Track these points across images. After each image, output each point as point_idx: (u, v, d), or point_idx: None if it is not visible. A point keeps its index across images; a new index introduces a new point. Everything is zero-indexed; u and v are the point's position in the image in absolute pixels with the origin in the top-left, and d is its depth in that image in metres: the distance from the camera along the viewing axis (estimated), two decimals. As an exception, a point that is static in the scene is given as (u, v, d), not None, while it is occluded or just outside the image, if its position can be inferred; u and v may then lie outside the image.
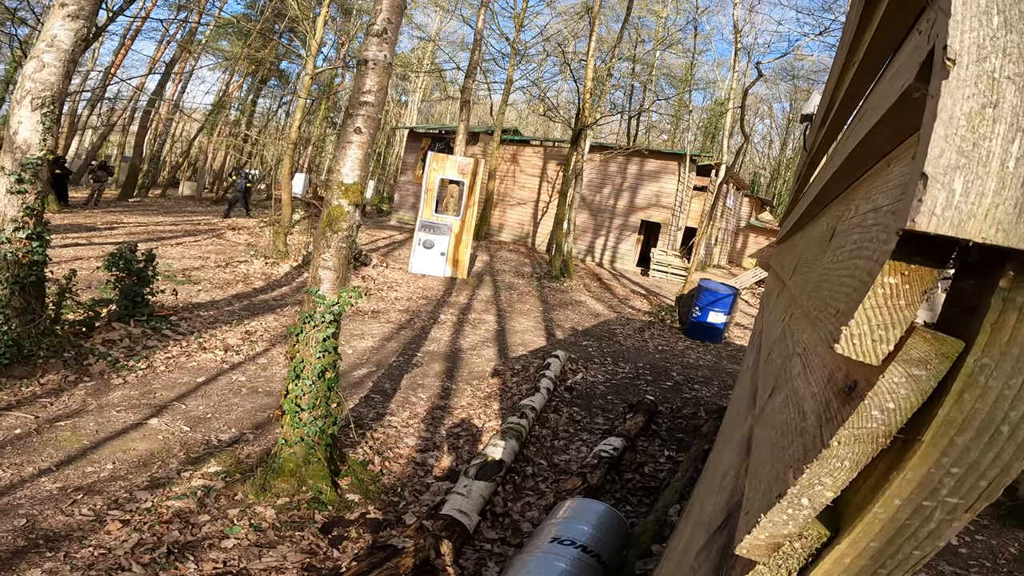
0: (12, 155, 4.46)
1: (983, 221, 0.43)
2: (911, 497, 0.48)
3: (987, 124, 0.44)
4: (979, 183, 0.43)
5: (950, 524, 0.48)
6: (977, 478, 0.46)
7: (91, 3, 4.70)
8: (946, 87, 0.45)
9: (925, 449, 0.46)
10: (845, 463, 0.50)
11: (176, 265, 8.82)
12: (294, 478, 3.07)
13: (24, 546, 2.59)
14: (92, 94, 22.24)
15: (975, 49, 0.46)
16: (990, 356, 0.45)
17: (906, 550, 0.49)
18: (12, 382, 4.12)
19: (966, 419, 0.45)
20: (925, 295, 0.48)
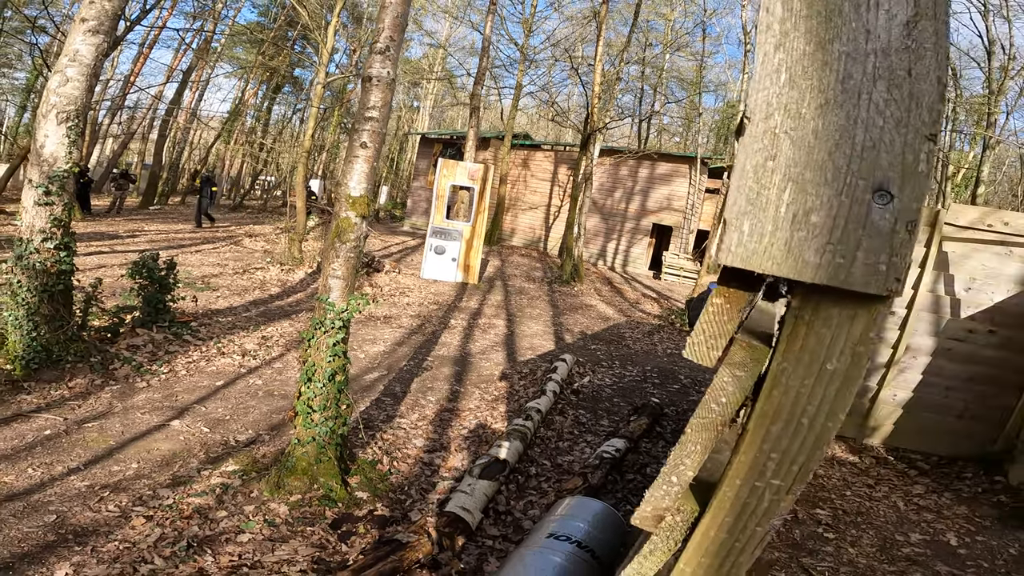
0: (39, 168, 4.62)
1: (763, 256, 0.56)
2: (746, 478, 0.60)
3: (768, 175, 0.57)
4: (760, 225, 0.56)
5: (778, 504, 0.60)
6: (790, 463, 0.58)
7: (110, 18, 4.82)
8: (741, 144, 0.59)
9: (750, 437, 0.59)
10: (697, 447, 0.62)
11: (196, 272, 9.11)
12: (306, 476, 3.23)
13: (54, 541, 2.77)
14: (112, 103, 22.81)
15: (764, 107, 0.58)
16: (788, 361, 0.58)
17: (751, 526, 0.62)
18: (42, 386, 4.35)
19: (776, 412, 0.58)
20: (742, 313, 0.61)
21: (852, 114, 0.54)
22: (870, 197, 0.53)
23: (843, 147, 0.54)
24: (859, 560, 3.38)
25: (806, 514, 3.89)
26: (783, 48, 0.57)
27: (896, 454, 5.18)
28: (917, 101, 0.54)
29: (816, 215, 0.54)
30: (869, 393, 5.25)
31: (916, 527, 3.87)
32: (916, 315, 5.05)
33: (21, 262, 4.48)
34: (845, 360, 0.56)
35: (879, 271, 0.53)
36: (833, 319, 0.56)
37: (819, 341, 0.56)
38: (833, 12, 0.55)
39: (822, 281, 0.54)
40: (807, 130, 0.54)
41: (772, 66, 0.58)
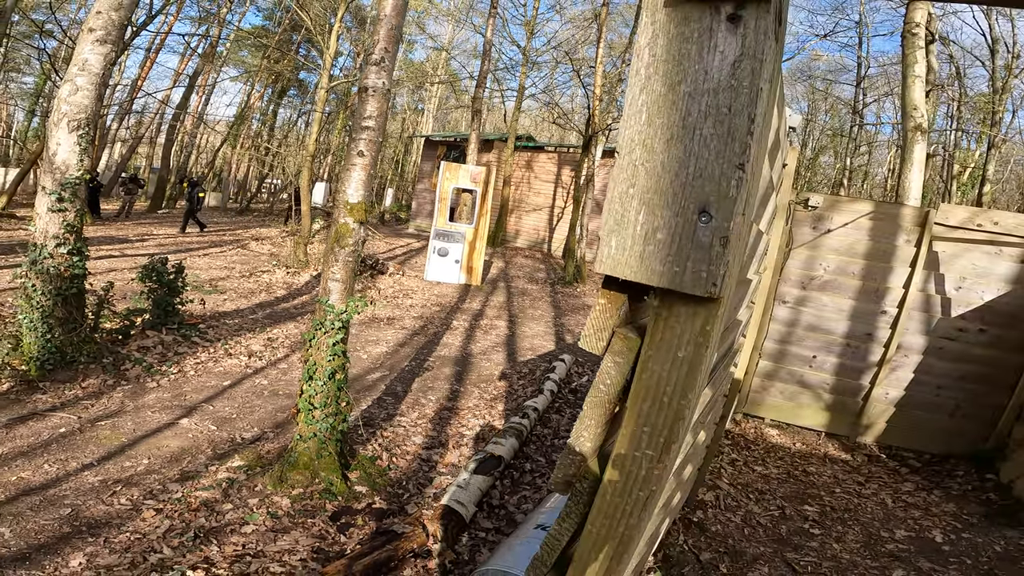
0: (52, 175, 4.74)
1: (624, 265, 0.69)
2: (628, 448, 0.74)
3: (629, 200, 0.71)
4: (622, 240, 0.70)
5: (652, 471, 0.73)
6: (657, 435, 0.72)
7: (117, 28, 4.91)
8: (612, 174, 0.73)
9: (629, 413, 0.73)
10: (592, 422, 0.76)
11: (203, 275, 9.31)
12: (308, 471, 3.38)
13: (69, 532, 2.92)
14: (120, 107, 23.09)
15: (628, 143, 0.72)
16: (652, 349, 0.71)
17: (635, 492, 0.75)
18: (56, 385, 4.52)
19: (645, 391, 0.71)
20: (619, 310, 0.75)
21: (688, 147, 0.67)
22: (696, 217, 0.66)
23: (680, 176, 0.67)
24: (843, 556, 3.47)
25: (793, 510, 3.98)
26: (646, 90, 0.70)
27: (888, 452, 5.25)
28: (732, 135, 0.67)
29: (660, 232, 0.67)
30: (862, 392, 5.34)
31: (902, 524, 3.95)
32: (907, 314, 5.14)
33: (36, 267, 4.65)
34: (691, 349, 0.69)
35: (701, 277, 0.67)
36: (681, 316, 0.70)
37: (672, 334, 0.70)
38: (684, 56, 0.67)
39: (664, 285, 0.68)
40: (657, 162, 0.67)
41: (637, 107, 0.71)
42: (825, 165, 29.65)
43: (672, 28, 0.67)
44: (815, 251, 5.38)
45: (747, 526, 3.68)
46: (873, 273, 5.25)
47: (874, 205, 5.31)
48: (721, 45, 0.66)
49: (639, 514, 0.72)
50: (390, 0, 3.41)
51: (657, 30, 0.69)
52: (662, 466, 0.72)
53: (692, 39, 0.67)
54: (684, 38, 0.67)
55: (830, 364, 5.44)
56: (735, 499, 4.02)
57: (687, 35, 0.67)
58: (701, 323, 0.69)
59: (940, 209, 5.06)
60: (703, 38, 0.66)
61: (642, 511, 0.73)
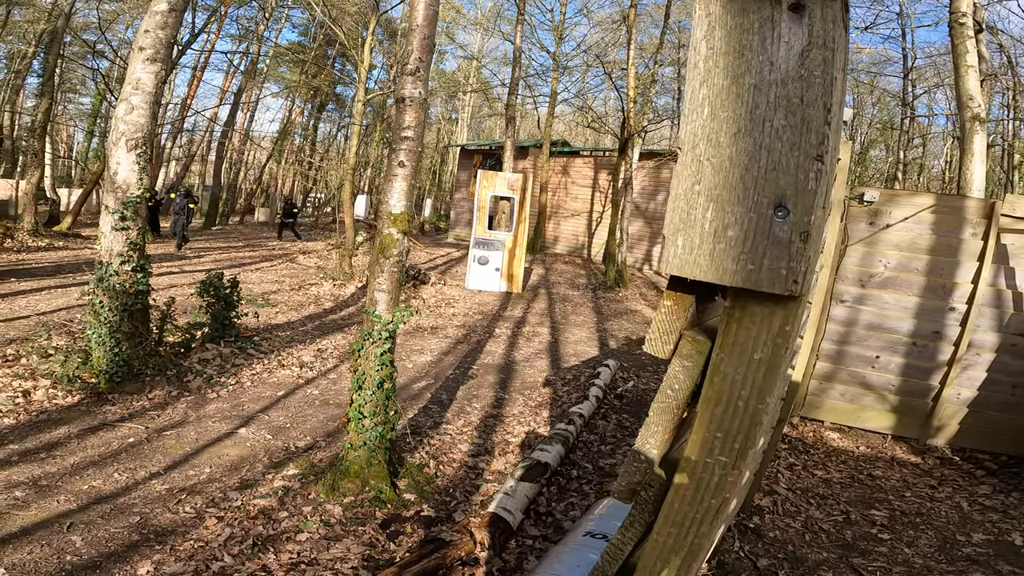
0: (114, 194, 4.94)
1: (693, 265, 0.66)
2: (699, 455, 0.70)
3: (695, 197, 0.68)
4: (690, 240, 0.67)
5: (726, 478, 0.70)
6: (732, 441, 0.69)
7: (165, 46, 5.08)
8: (675, 171, 0.69)
9: (699, 418, 0.70)
10: (659, 428, 0.73)
11: (256, 289, 9.66)
12: (358, 479, 3.44)
13: (137, 540, 3.05)
14: (172, 126, 24.29)
15: (691, 138, 0.69)
16: (724, 352, 0.68)
17: (707, 499, 0.72)
18: (124, 397, 4.77)
19: (717, 396, 0.68)
20: (687, 312, 0.72)
21: (758, 140, 0.64)
22: (771, 212, 0.63)
23: (751, 170, 0.64)
24: (915, 560, 3.30)
25: (859, 515, 3.81)
26: (707, 84, 0.68)
27: (962, 454, 4.98)
28: (807, 126, 0.63)
29: (732, 229, 0.64)
30: (931, 392, 5.06)
31: (980, 527, 3.74)
32: (977, 310, 4.84)
33: (102, 284, 4.91)
34: (768, 350, 0.66)
35: (780, 275, 0.63)
36: (757, 316, 0.66)
37: (747, 335, 0.66)
38: (745, 47, 0.64)
39: (737, 284, 0.65)
40: (724, 156, 0.64)
41: (698, 101, 0.69)
42: (876, 159, 28.37)
43: (729, 20, 0.65)
44: (873, 247, 5.14)
45: (808, 531, 3.54)
46: (938, 268, 4.97)
47: (936, 198, 5.04)
48: (786, 35, 0.63)
49: (711, 522, 0.69)
50: (421, 10, 3.46)
51: (713, 22, 0.66)
52: (737, 472, 0.69)
53: (752, 30, 0.64)
54: (743, 29, 0.65)
55: (895, 364, 5.18)
56: (794, 504, 3.87)
57: (746, 26, 0.64)
58: (780, 323, 0.66)
59: (1006, 200, 4.76)
60: (764, 29, 0.64)
61: (714, 519, 0.70)
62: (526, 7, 16.58)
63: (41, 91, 16.36)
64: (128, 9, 21.13)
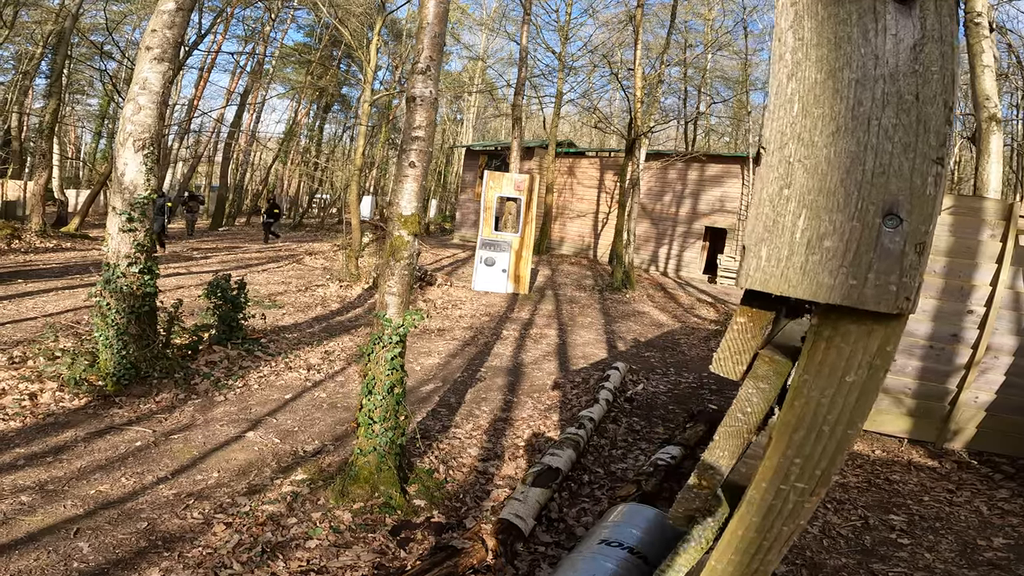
0: (121, 195, 4.89)
1: (780, 279, 0.60)
2: (772, 481, 0.65)
3: (783, 203, 0.61)
4: (776, 251, 0.60)
5: (803, 505, 0.64)
6: (813, 467, 0.63)
7: (172, 46, 5.03)
8: (759, 173, 0.63)
9: (775, 444, 0.64)
10: (725, 452, 0.67)
11: (263, 291, 9.65)
12: (368, 484, 3.39)
13: (145, 547, 3.00)
14: (179, 127, 24.37)
15: (779, 136, 0.62)
16: (809, 373, 0.62)
17: (777, 526, 0.66)
18: (131, 400, 4.74)
19: (798, 421, 0.62)
20: (764, 330, 0.66)
21: (862, 140, 0.57)
22: (880, 221, 0.56)
23: (854, 173, 0.57)
24: (936, 565, 3.24)
25: (878, 520, 3.74)
26: (795, 78, 0.61)
27: (980, 458, 4.89)
28: (924, 125, 0.57)
29: (829, 240, 0.58)
30: (949, 396, 4.97)
31: (1000, 532, 3.67)
32: (996, 313, 4.75)
33: (109, 286, 4.88)
34: (863, 373, 0.60)
35: (889, 291, 0.56)
36: (851, 335, 0.60)
37: (838, 355, 0.60)
38: (842, 39, 0.58)
39: (836, 301, 0.58)
40: (820, 158, 0.58)
41: (785, 96, 0.62)
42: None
43: (820, 9, 0.59)
44: (887, 248, 5.05)
45: (826, 537, 3.47)
46: (956, 271, 4.88)
47: (953, 199, 4.94)
48: (893, 28, 0.57)
49: (779, 550, 0.64)
50: (431, 8, 3.41)
51: (800, 12, 0.60)
52: (816, 499, 0.63)
53: (850, 21, 0.58)
54: (839, 20, 0.58)
55: (912, 368, 5.08)
56: (810, 513, 3.80)
57: (842, 17, 0.58)
58: (879, 343, 0.59)
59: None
60: (865, 20, 0.58)
61: (782, 547, 0.65)
62: (532, 7, 16.52)
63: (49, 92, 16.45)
64: (135, 10, 21.23)
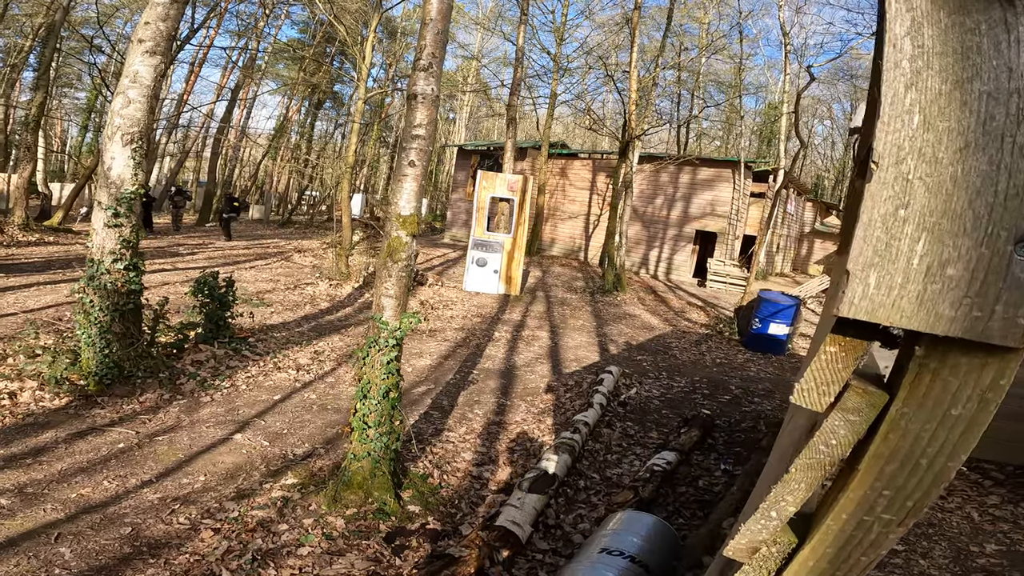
0: (108, 190, 4.75)
1: (891, 309, 0.54)
2: (854, 512, 0.60)
3: (898, 225, 0.56)
4: (888, 278, 0.55)
5: (887, 536, 0.60)
6: (904, 499, 0.58)
7: (165, 39, 4.90)
8: (868, 191, 0.57)
9: (862, 476, 0.59)
10: (801, 485, 0.63)
11: (251, 288, 9.49)
12: (361, 490, 3.31)
13: (129, 553, 2.90)
14: (168, 121, 23.97)
15: (895, 151, 0.56)
16: (909, 406, 0.57)
17: (855, 556, 0.62)
18: (114, 400, 4.61)
19: (892, 453, 0.58)
20: (858, 361, 0.61)
21: (995, 159, 0.52)
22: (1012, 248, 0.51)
23: (984, 195, 0.52)
24: (931, 571, 3.25)
25: (872, 532, 3.74)
26: (915, 87, 0.56)
27: (968, 465, 4.93)
28: None
29: (953, 267, 0.52)
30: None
31: (992, 538, 3.69)
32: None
33: (93, 282, 4.73)
34: (972, 406, 0.55)
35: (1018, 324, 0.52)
36: (961, 368, 0.56)
37: (944, 388, 0.56)
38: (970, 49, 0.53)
39: (957, 334, 0.53)
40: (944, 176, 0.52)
41: (903, 106, 0.56)
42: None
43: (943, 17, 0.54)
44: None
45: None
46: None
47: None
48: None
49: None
50: (435, 3, 3.35)
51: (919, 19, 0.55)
52: (902, 529, 0.60)
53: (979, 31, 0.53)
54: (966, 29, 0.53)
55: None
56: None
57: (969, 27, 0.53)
58: (993, 376, 0.55)
59: None
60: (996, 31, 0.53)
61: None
62: (528, 8, 16.49)
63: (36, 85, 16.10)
64: (127, 3, 20.86)
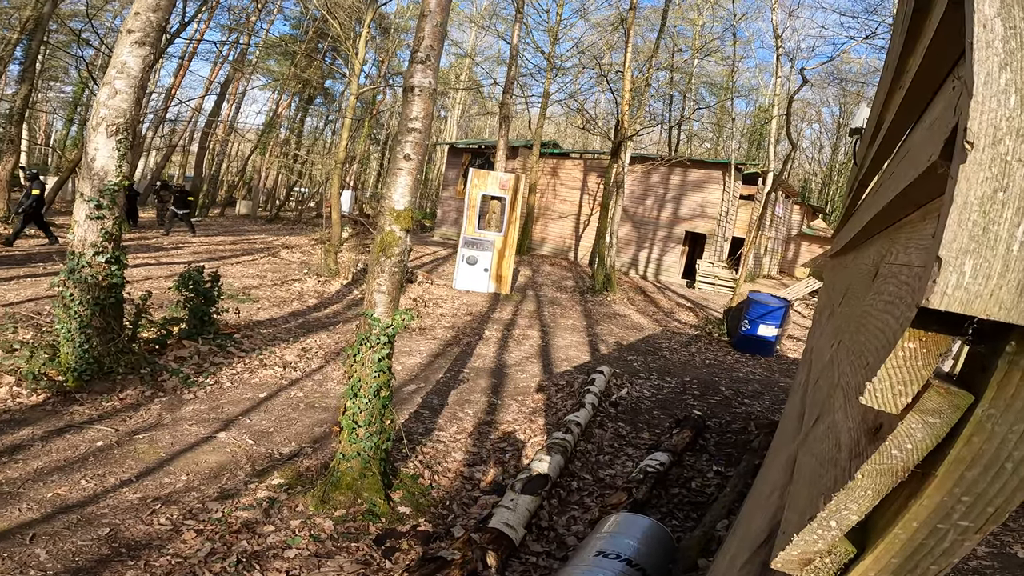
0: (91, 181, 4.63)
1: (988, 300, 0.49)
2: (927, 520, 0.55)
3: (997, 208, 0.50)
4: (986, 266, 0.49)
5: (962, 543, 0.55)
6: (985, 505, 0.53)
7: (155, 30, 4.80)
8: (963, 172, 0.51)
9: (939, 481, 0.54)
10: (868, 492, 0.57)
11: (237, 284, 9.32)
12: (351, 491, 3.23)
13: (108, 554, 2.80)
14: (155, 115, 23.57)
15: (992, 131, 0.51)
16: (996, 407, 0.52)
17: (924, 565, 0.57)
18: (94, 397, 4.47)
19: (975, 457, 0.52)
20: (940, 357, 0.55)
21: None
22: None
23: None
24: None
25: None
26: (1010, 67, 0.51)
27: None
28: None
29: None
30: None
31: (982, 540, 3.70)
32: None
33: (73, 276, 4.59)
34: None
35: None
36: None
37: None
38: None
39: None
40: None
41: (999, 86, 0.51)
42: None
43: None
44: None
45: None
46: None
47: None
48: None
49: None
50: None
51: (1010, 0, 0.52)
52: (979, 536, 0.54)
53: None
54: None
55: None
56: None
57: None
58: None
59: None
60: None
61: None
62: (523, 7, 16.43)
63: (22, 77, 15.70)
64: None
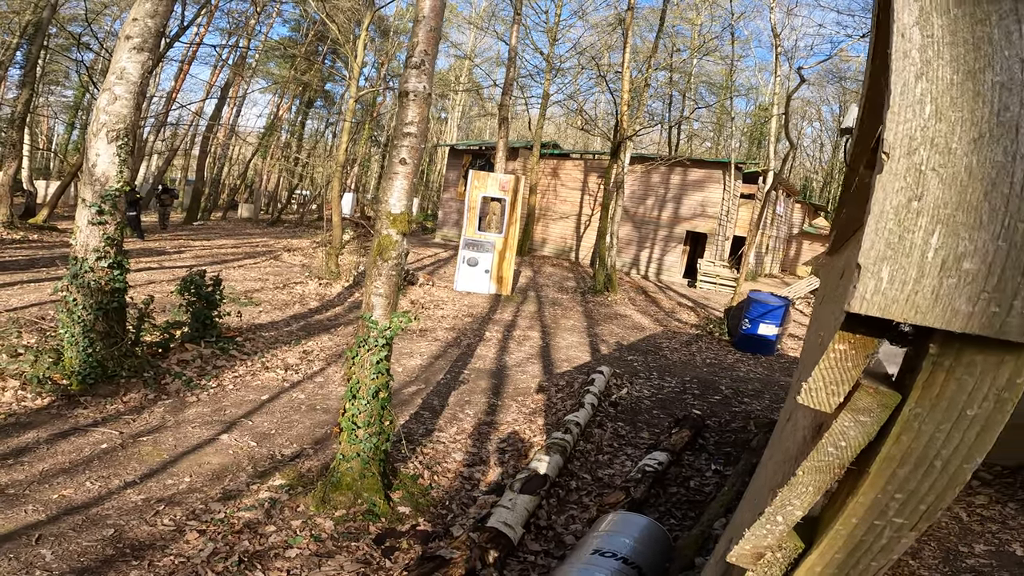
0: (92, 187, 4.69)
1: (904, 305, 0.52)
2: (864, 517, 0.58)
3: (912, 217, 0.53)
4: (902, 272, 0.53)
5: (899, 540, 0.58)
6: (917, 503, 0.56)
7: (153, 35, 4.85)
8: (879, 182, 0.55)
9: (872, 479, 0.57)
10: (809, 488, 0.61)
11: (239, 287, 9.38)
12: (351, 491, 3.27)
13: (112, 555, 2.85)
14: (156, 120, 23.66)
15: (907, 141, 0.54)
16: (922, 406, 0.55)
17: (865, 562, 0.60)
18: (97, 400, 4.52)
19: (904, 455, 0.56)
20: (868, 359, 0.59)
21: (1010, 150, 0.50)
22: None
23: (1000, 186, 0.50)
24: (921, 572, 3.25)
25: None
26: (926, 77, 0.54)
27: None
28: None
29: (969, 261, 0.50)
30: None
31: (980, 538, 3.71)
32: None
33: (76, 280, 4.65)
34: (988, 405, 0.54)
35: None
36: (976, 366, 0.54)
37: (960, 387, 0.54)
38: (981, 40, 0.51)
39: (974, 331, 0.51)
40: (959, 167, 0.51)
41: (914, 96, 0.54)
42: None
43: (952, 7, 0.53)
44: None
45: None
46: None
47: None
48: None
49: None
50: (428, 1, 3.31)
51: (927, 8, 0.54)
52: (915, 534, 0.58)
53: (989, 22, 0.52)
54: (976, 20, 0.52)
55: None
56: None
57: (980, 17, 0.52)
58: (1009, 375, 0.54)
59: None
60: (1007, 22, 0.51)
61: None
62: (522, 8, 16.47)
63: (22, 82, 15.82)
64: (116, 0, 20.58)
